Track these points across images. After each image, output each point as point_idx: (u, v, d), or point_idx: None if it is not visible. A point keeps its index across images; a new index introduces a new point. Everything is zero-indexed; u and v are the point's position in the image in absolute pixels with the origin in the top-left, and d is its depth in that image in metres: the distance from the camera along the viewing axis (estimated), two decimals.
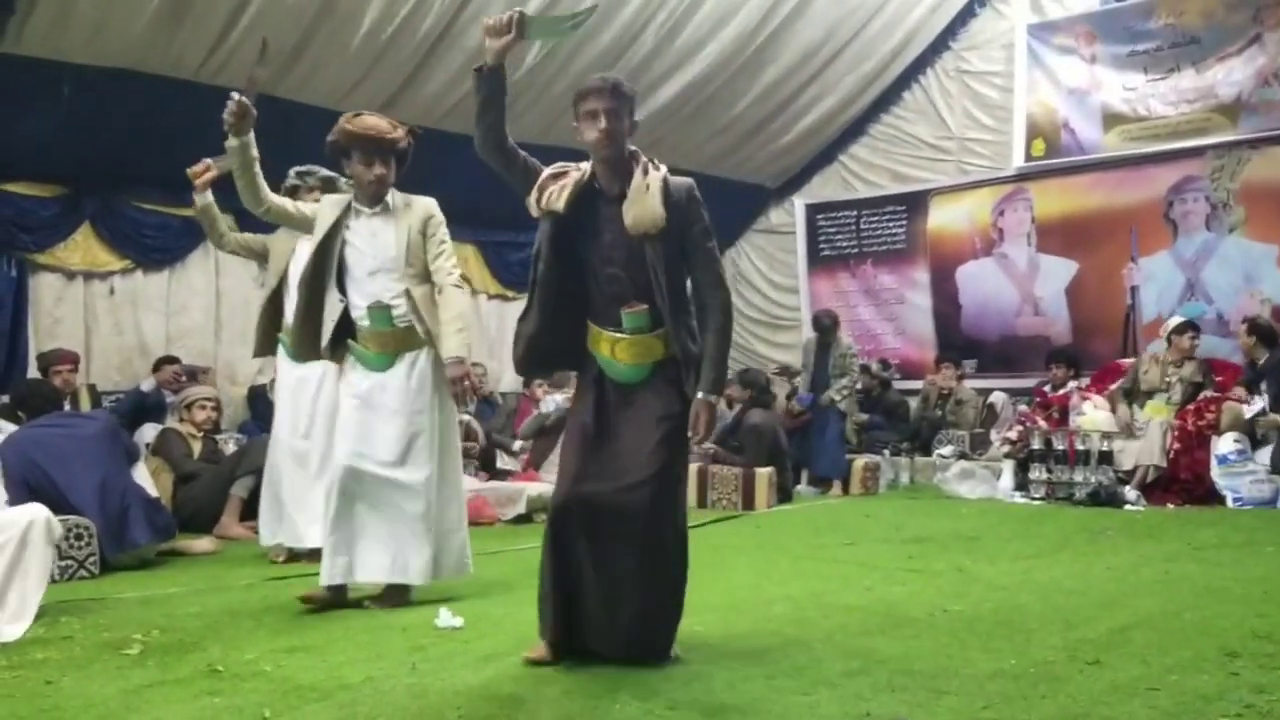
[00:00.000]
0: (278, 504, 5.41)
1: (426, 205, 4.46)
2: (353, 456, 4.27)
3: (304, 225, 4.59)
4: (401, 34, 7.90)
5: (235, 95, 4.32)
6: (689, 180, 3.43)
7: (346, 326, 4.40)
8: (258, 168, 4.44)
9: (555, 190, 3.38)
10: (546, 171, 3.44)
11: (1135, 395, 8.34)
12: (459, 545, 4.52)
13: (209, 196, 5.46)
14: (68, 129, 7.31)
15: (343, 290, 4.38)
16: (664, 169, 3.43)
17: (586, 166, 3.44)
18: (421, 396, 4.38)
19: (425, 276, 4.40)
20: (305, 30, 7.54)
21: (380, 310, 4.33)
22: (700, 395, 3.40)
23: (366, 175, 4.32)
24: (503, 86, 3.38)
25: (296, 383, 5.40)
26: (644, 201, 3.33)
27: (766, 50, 9.81)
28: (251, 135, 4.37)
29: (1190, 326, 8.41)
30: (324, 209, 4.43)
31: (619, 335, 3.41)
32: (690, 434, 3.48)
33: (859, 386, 9.42)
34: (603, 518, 3.32)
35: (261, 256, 5.67)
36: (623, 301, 3.40)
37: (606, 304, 3.44)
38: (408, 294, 4.33)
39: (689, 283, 3.47)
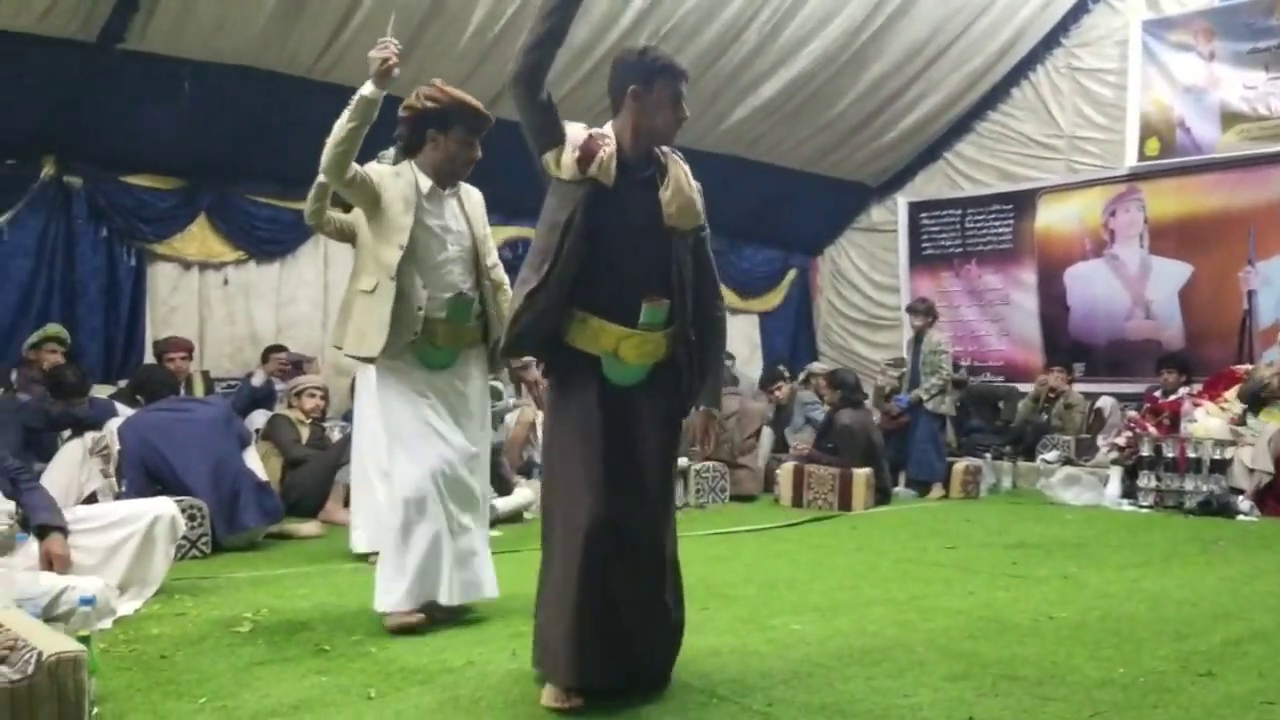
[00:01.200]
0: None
1: (479, 195, 4.20)
2: (445, 465, 3.84)
3: (375, 202, 3.98)
4: (508, 33, 7.97)
5: (392, 41, 4.00)
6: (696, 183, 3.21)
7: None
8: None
9: (604, 157, 3.04)
10: (586, 130, 3.08)
11: (1255, 404, 8.04)
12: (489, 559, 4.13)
13: None
14: (187, 124, 7.55)
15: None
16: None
17: (611, 136, 3.12)
18: (486, 397, 4.13)
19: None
20: (415, 29, 7.66)
21: (463, 302, 3.99)
22: (703, 408, 3.25)
23: (465, 154, 3.99)
24: (577, 7, 3.13)
25: None
26: (686, 193, 3.13)
27: (870, 47, 9.70)
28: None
29: None
30: (392, 181, 3.97)
31: (629, 331, 3.06)
32: (696, 447, 3.35)
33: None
34: (634, 539, 3.02)
35: (353, 239, 5.40)
36: (642, 294, 3.06)
37: (620, 294, 3.06)
38: (482, 286, 4.08)
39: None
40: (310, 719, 2.83)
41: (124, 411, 6.07)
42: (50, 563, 3.76)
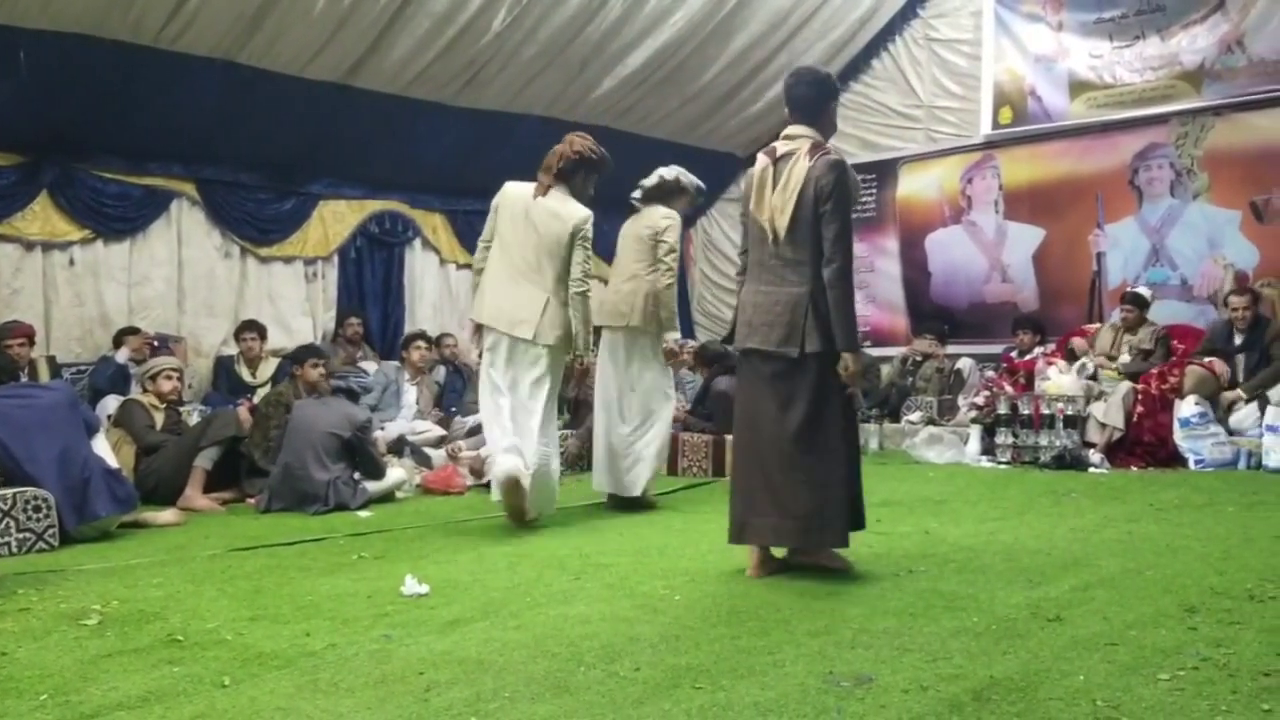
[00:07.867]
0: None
1: None
2: None
3: None
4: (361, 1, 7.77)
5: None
6: None
7: None
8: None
9: None
10: None
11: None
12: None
13: None
14: (24, 96, 7.14)
15: None
16: None
17: None
18: None
19: None
20: None
21: None
22: None
23: None
24: None
25: None
26: None
27: (736, 16, 9.74)
28: None
29: (1132, 299, 8.62)
30: None
31: None
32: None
33: None
34: None
35: None
36: None
37: None
38: None
39: None
40: (159, 710, 2.72)
41: None
42: None
